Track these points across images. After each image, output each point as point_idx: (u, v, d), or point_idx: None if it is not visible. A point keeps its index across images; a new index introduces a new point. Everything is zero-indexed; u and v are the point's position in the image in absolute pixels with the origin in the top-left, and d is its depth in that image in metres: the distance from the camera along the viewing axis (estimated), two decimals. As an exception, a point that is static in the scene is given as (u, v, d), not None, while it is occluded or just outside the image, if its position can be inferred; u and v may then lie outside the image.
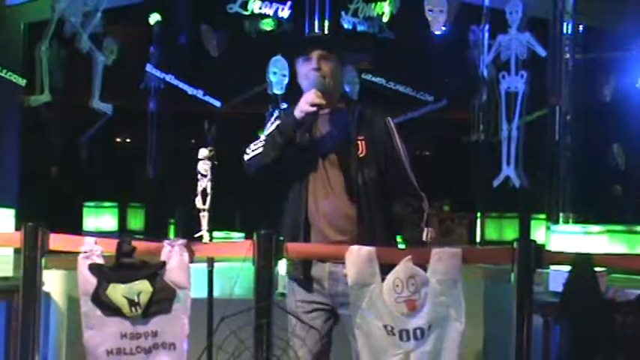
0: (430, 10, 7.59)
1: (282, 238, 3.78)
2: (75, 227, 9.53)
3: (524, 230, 9.04)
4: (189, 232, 4.68)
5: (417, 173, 4.43)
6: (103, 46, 8.99)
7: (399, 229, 4.37)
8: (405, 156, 4.40)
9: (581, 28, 7.17)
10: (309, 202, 4.32)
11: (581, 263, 3.74)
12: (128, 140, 12.60)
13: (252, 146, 4.44)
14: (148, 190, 10.45)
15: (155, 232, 9.94)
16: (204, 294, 4.15)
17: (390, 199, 4.35)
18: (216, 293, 4.21)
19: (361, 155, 4.31)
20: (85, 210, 10.24)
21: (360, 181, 4.29)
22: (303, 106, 4.27)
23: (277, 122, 4.37)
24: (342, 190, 4.31)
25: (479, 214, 9.08)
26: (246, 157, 4.46)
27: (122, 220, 10.44)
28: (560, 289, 3.84)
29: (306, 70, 4.38)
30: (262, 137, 4.44)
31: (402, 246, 4.30)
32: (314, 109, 4.24)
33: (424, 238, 4.29)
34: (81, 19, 7.99)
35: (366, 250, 3.77)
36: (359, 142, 4.32)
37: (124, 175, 10.78)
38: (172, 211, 9.67)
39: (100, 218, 10.28)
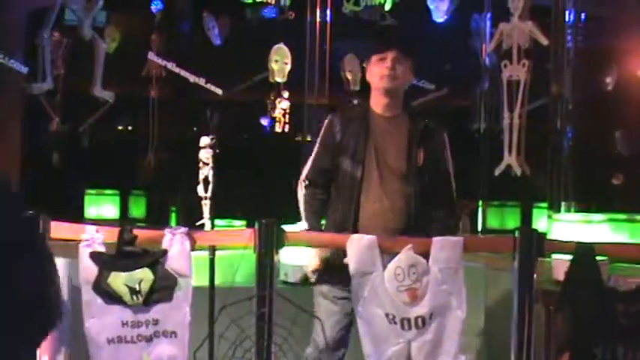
0: (432, -1, 7.57)
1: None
2: (76, 215, 9.54)
3: (526, 219, 9.04)
4: (190, 219, 4.69)
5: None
6: (105, 34, 8.98)
7: None
8: (452, 172, 4.45)
9: (583, 16, 7.14)
10: (360, 202, 4.35)
11: (583, 252, 3.74)
12: (130, 128, 12.61)
13: (301, 194, 4.52)
14: (149, 177, 10.45)
15: (157, 219, 9.94)
16: (205, 282, 4.15)
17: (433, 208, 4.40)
18: (217, 281, 4.21)
19: (419, 165, 4.33)
20: (86, 198, 10.25)
21: (417, 189, 4.32)
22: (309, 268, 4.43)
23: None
24: (397, 196, 4.35)
25: (480, 203, 9.07)
26: (298, 190, 4.54)
27: (124, 207, 10.45)
28: (561, 277, 3.84)
29: (380, 70, 4.40)
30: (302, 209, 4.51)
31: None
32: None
33: None
34: (83, 7, 7.97)
35: (367, 238, 3.77)
36: (418, 154, 4.34)
37: (125, 162, 10.79)
38: (174, 199, 9.67)
39: (102, 206, 10.29)
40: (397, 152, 4.39)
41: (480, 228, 9.16)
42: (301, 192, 4.48)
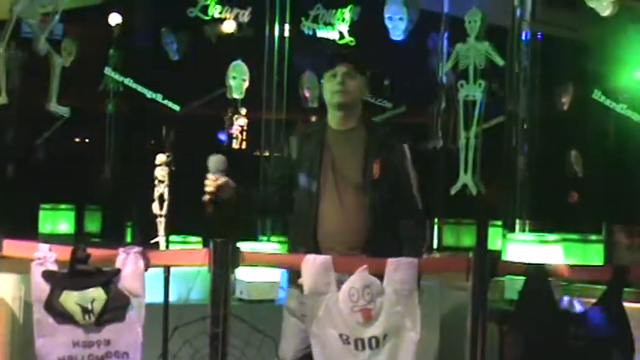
0: (389, 18, 7.60)
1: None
2: (31, 229, 9.46)
3: (481, 237, 9.11)
4: (146, 235, 4.66)
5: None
6: (61, 47, 8.93)
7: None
8: (415, 183, 4.43)
9: (539, 36, 7.22)
10: (318, 217, 4.34)
11: (536, 274, 3.77)
12: (87, 140, 12.55)
13: None
14: (105, 192, 10.40)
15: (112, 234, 9.89)
16: (160, 299, 4.12)
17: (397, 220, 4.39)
18: (172, 297, 4.18)
19: (375, 177, 4.35)
20: (41, 212, 10.16)
21: (374, 202, 4.32)
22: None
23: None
24: (355, 208, 4.33)
25: (436, 220, 9.13)
26: None
27: (79, 222, 10.37)
28: (515, 297, 3.86)
29: (331, 86, 4.42)
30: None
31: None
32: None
33: None
34: (39, 21, 7.90)
35: (322, 258, 3.77)
36: (374, 165, 4.36)
37: (81, 177, 10.72)
38: (130, 214, 9.62)
39: (57, 220, 10.20)
40: (353, 164, 4.39)
41: (435, 245, 9.21)
42: None
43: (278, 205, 4.51)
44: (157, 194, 4.88)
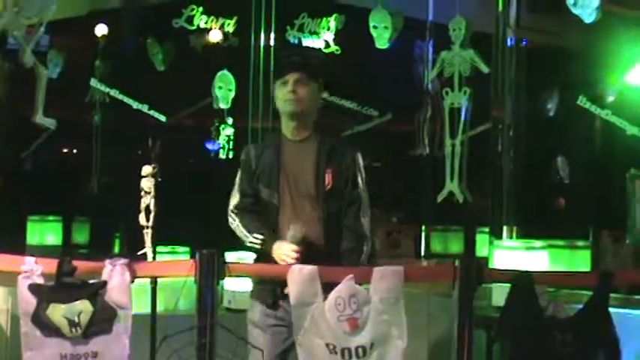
0: (375, 26, 7.62)
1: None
2: (19, 241, 9.44)
3: (469, 244, 9.13)
4: (134, 246, 4.66)
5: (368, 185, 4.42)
6: (48, 59, 8.92)
7: None
8: (365, 195, 4.39)
9: (524, 42, 7.24)
10: (278, 229, 4.31)
11: (522, 282, 3.78)
12: (74, 152, 12.54)
13: (236, 222, 4.41)
14: (92, 204, 10.38)
15: (100, 246, 9.87)
16: (147, 308, 4.12)
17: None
18: (160, 307, 4.18)
19: (328, 187, 4.32)
20: (29, 224, 10.14)
21: (326, 212, 4.30)
22: (280, 259, 4.21)
23: (258, 240, 4.31)
24: (311, 220, 4.30)
25: (423, 227, 9.14)
26: (230, 222, 4.43)
27: (67, 234, 10.35)
28: (501, 304, 3.87)
29: (283, 95, 4.36)
30: (244, 231, 4.38)
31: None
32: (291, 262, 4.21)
33: None
34: (24, 33, 7.88)
35: (308, 269, 3.78)
36: (326, 175, 4.33)
37: (68, 188, 10.70)
38: (118, 225, 9.61)
39: (45, 232, 10.19)
40: (306, 176, 4.34)
41: (423, 252, 9.23)
42: (234, 221, 4.43)
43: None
44: (143, 205, 4.89)
